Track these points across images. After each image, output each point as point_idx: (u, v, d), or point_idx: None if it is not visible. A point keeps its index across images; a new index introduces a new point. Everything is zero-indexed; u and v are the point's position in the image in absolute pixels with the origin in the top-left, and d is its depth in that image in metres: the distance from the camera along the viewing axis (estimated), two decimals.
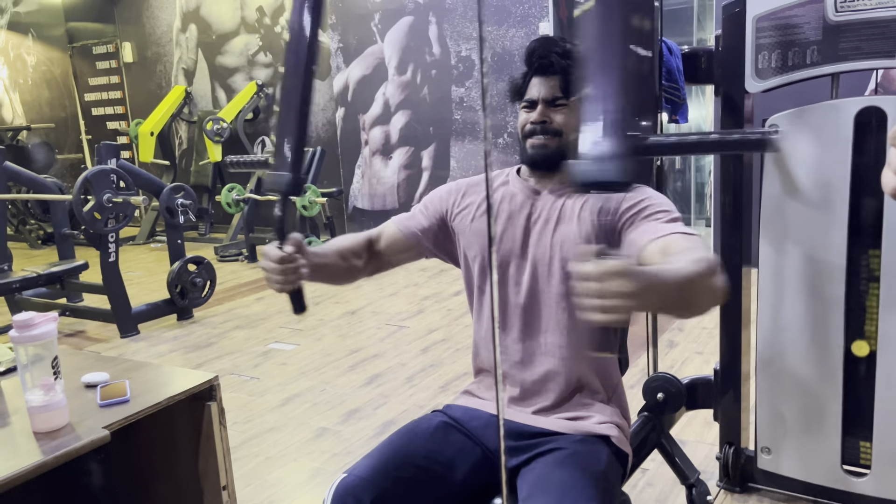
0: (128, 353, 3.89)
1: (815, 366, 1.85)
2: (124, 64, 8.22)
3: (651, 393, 1.93)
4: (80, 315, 4.44)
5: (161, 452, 1.58)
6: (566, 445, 1.31)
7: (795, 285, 1.83)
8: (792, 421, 1.92)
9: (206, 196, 7.24)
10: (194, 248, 6.53)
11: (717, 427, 2.17)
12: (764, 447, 1.99)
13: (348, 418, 2.92)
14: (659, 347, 3.48)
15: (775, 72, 1.77)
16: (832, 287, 1.78)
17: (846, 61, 1.69)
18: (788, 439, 1.94)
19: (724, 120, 1.90)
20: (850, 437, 1.86)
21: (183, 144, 7.96)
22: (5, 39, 9.27)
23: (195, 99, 7.73)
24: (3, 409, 1.35)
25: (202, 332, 4.24)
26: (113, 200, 4.05)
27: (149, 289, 5.13)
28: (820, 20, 1.69)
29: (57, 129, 8.96)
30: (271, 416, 2.97)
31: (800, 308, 1.84)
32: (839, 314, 1.79)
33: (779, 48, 1.75)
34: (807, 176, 1.76)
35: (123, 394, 1.36)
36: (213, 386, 1.46)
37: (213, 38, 7.45)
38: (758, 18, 1.76)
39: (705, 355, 3.35)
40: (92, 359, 1.64)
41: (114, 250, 4.15)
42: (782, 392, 1.92)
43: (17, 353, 1.22)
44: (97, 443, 1.23)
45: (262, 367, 3.58)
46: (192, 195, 4.60)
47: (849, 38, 1.67)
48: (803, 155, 1.75)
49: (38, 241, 7.40)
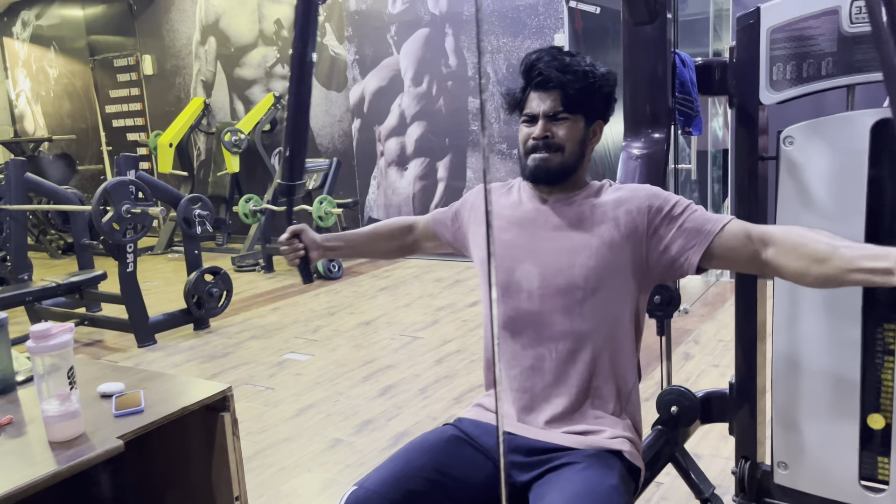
0: (144, 363, 3.92)
1: (831, 379, 1.83)
2: (144, 76, 8.33)
3: (665, 406, 1.91)
4: (97, 324, 4.48)
5: (175, 462, 1.59)
6: (578, 460, 1.30)
7: (812, 299, 1.81)
8: (809, 435, 1.90)
9: (223, 206, 7.30)
10: (212, 258, 6.58)
11: (733, 441, 2.14)
12: (780, 462, 1.97)
13: (362, 429, 2.92)
14: (675, 360, 3.46)
15: (790, 83, 1.76)
16: (849, 300, 1.76)
17: (861, 73, 1.67)
18: (805, 454, 1.92)
19: (739, 131, 1.89)
20: (867, 453, 1.83)
21: (201, 155, 8.04)
22: (28, 52, 9.44)
23: (214, 110, 7.81)
24: (19, 419, 1.37)
25: (218, 341, 4.27)
26: (131, 211, 4.09)
27: (166, 299, 5.17)
28: (835, 32, 1.68)
29: (78, 141, 9.09)
30: (285, 427, 2.98)
31: (816, 321, 1.82)
32: (856, 327, 1.77)
33: (793, 60, 1.74)
34: (822, 188, 1.74)
35: (138, 404, 1.38)
36: (227, 397, 1.47)
37: (231, 51, 7.53)
38: (772, 30, 1.76)
39: (721, 368, 3.32)
40: (108, 369, 1.65)
41: (132, 260, 4.19)
42: (799, 406, 1.90)
43: (33, 364, 1.23)
44: (111, 452, 1.24)
45: (276, 378, 3.59)
46: (210, 206, 4.64)
47: (864, 49, 1.66)
48: (818, 167, 1.73)
49: (59, 251, 7.49)
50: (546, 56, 1.37)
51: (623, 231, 1.34)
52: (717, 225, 1.31)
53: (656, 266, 1.35)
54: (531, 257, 1.39)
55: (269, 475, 2.58)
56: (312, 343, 4.14)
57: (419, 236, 1.71)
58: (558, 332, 1.37)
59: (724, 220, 1.32)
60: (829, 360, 1.83)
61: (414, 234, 1.71)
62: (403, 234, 1.72)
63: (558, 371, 1.38)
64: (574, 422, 1.37)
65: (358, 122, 6.78)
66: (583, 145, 1.39)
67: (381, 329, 4.36)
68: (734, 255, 1.30)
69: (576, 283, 1.35)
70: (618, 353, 1.38)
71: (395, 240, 1.72)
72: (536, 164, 1.38)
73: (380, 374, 3.57)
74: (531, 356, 1.40)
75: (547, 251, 1.38)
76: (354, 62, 6.69)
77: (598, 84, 1.37)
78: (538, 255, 1.39)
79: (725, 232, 1.30)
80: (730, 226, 1.31)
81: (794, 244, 1.22)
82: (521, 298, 1.40)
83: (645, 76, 1.80)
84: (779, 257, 1.23)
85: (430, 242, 1.71)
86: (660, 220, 1.34)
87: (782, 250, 1.23)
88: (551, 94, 1.36)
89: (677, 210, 1.34)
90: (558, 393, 1.38)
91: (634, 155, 1.79)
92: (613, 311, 1.36)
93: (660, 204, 1.35)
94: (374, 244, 1.73)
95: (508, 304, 1.41)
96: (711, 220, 1.33)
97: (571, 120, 1.37)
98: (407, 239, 1.72)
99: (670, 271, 1.36)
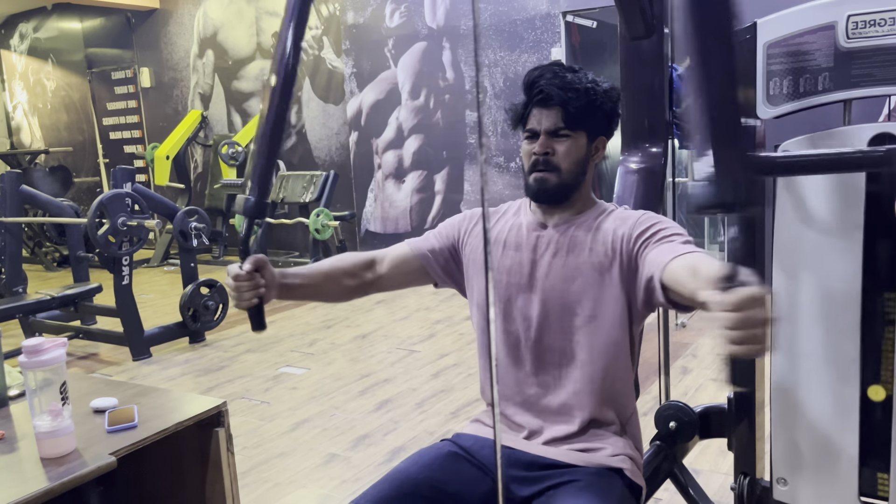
0: (139, 377, 3.89)
1: (830, 395, 1.82)
2: (142, 89, 8.34)
3: (663, 421, 1.90)
4: (92, 338, 4.46)
5: (169, 478, 1.58)
6: (580, 478, 1.29)
7: (809, 313, 1.81)
8: (808, 451, 1.89)
9: (220, 219, 7.29)
10: (208, 271, 6.56)
11: (732, 456, 2.13)
12: (780, 478, 1.95)
13: (357, 444, 2.90)
14: (673, 374, 3.45)
15: (787, 98, 1.76)
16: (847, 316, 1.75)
17: (858, 88, 1.68)
18: (805, 470, 1.91)
19: None
20: (867, 469, 1.82)
21: (198, 168, 8.04)
22: (25, 64, 9.45)
23: (211, 123, 7.81)
24: (11, 435, 1.35)
25: (214, 355, 4.24)
26: (127, 224, 4.08)
27: (162, 312, 5.15)
28: (831, 47, 1.68)
29: (75, 153, 9.08)
30: (281, 442, 2.96)
31: (814, 336, 1.81)
32: (855, 343, 1.76)
33: (790, 74, 1.74)
34: (819, 202, 1.74)
35: (131, 419, 1.36)
36: (222, 412, 1.46)
37: (229, 64, 7.54)
38: (768, 45, 1.76)
39: (720, 382, 3.31)
40: (101, 383, 1.64)
41: (127, 273, 4.18)
42: (797, 421, 1.89)
43: (25, 379, 1.22)
44: (103, 469, 1.23)
45: (272, 392, 3.57)
46: (206, 218, 4.63)
47: (860, 64, 1.66)
48: (815, 182, 1.73)
49: (54, 263, 7.46)
50: (548, 73, 1.36)
51: (615, 258, 1.33)
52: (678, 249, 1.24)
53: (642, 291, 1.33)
54: (529, 283, 1.39)
55: (265, 491, 2.55)
56: (308, 357, 4.12)
57: (385, 272, 1.51)
58: (556, 359, 1.37)
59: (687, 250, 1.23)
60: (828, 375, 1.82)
61: (375, 269, 1.51)
62: (364, 270, 1.50)
63: (559, 397, 1.38)
64: (576, 442, 1.37)
65: (355, 135, 6.79)
66: (584, 163, 1.38)
67: (377, 342, 4.34)
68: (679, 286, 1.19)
69: (573, 310, 1.34)
70: (616, 377, 1.38)
71: (355, 277, 1.49)
72: (537, 183, 1.37)
73: (376, 387, 3.55)
74: (533, 383, 1.40)
75: (545, 277, 1.37)
76: (352, 75, 6.71)
77: (599, 101, 1.36)
78: (536, 282, 1.38)
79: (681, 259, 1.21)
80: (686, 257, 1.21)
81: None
82: (519, 324, 1.39)
83: (642, 91, 1.80)
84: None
85: (404, 276, 1.51)
86: (642, 242, 1.31)
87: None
88: (552, 111, 1.35)
89: (663, 234, 1.31)
90: (560, 419, 1.38)
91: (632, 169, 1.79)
92: (611, 336, 1.35)
93: (645, 228, 1.33)
94: (332, 282, 1.48)
95: (506, 330, 1.40)
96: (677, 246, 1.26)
97: (573, 137, 1.35)
98: (367, 276, 1.50)
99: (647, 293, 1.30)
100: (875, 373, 1.78)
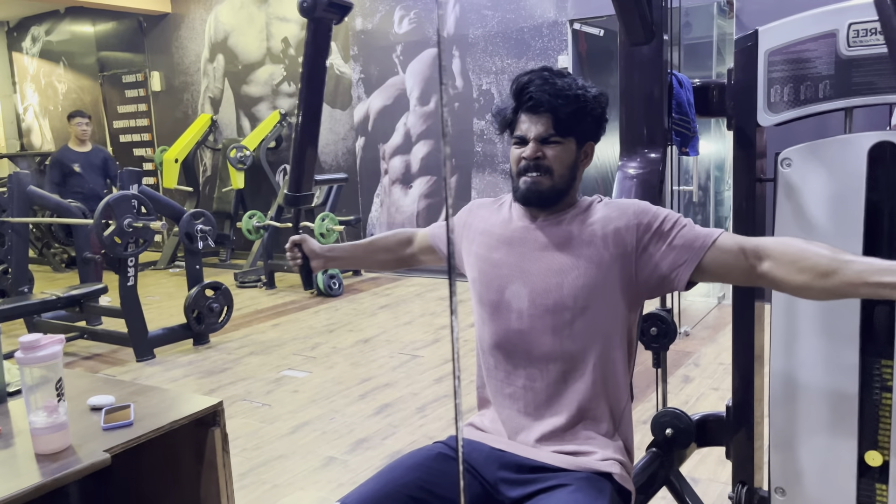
0: (142, 377, 3.91)
1: (828, 404, 1.81)
2: (152, 92, 8.40)
3: (660, 428, 1.89)
4: (97, 338, 4.48)
5: (164, 477, 1.58)
6: (569, 482, 1.29)
7: (809, 323, 1.80)
8: (807, 461, 1.88)
9: (228, 222, 7.32)
10: (215, 273, 6.59)
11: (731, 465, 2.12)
12: (778, 487, 1.94)
13: (356, 448, 2.90)
14: (675, 382, 3.43)
15: (788, 106, 1.76)
16: (847, 325, 1.75)
17: (859, 96, 1.67)
18: (803, 480, 1.90)
19: (737, 153, 1.89)
20: (865, 479, 1.81)
21: (207, 171, 8.07)
22: (37, 67, 9.53)
23: (220, 127, 7.86)
24: (7, 430, 1.36)
25: (217, 357, 4.26)
26: (133, 225, 4.10)
27: (167, 313, 5.17)
28: (832, 55, 1.68)
29: None
30: (280, 444, 2.96)
31: (813, 345, 1.80)
32: (854, 351, 1.75)
33: (791, 82, 1.74)
34: (820, 210, 1.74)
35: (127, 417, 1.37)
36: (218, 412, 1.46)
37: (239, 68, 7.59)
38: (770, 52, 1.76)
39: (721, 391, 3.29)
40: (100, 381, 1.65)
41: (133, 274, 4.20)
42: (796, 431, 1.88)
43: (21, 375, 1.23)
44: (97, 466, 1.23)
45: (273, 394, 3.58)
46: (212, 221, 4.65)
47: (862, 72, 1.66)
48: (816, 189, 1.73)
49: (62, 264, 7.51)
50: (537, 79, 1.36)
51: (611, 250, 1.34)
52: (707, 240, 1.30)
53: (646, 283, 1.34)
54: (520, 277, 1.38)
55: (263, 492, 2.56)
56: (310, 360, 4.12)
57: (416, 250, 1.72)
58: (549, 352, 1.36)
59: (715, 234, 1.31)
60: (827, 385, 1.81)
61: (411, 247, 1.73)
62: (401, 247, 1.73)
63: (550, 391, 1.37)
64: (565, 441, 1.36)
65: (362, 140, 6.81)
66: (574, 168, 1.39)
67: (379, 347, 4.34)
68: (726, 270, 1.30)
69: (565, 304, 1.34)
70: (609, 372, 1.37)
71: (393, 252, 1.74)
72: (528, 186, 1.37)
73: (377, 392, 3.55)
74: (523, 376, 1.39)
75: (536, 271, 1.37)
76: (359, 81, 6.73)
77: (589, 107, 1.36)
78: (527, 276, 1.38)
79: (717, 247, 1.29)
80: (721, 240, 1.30)
81: (794, 258, 1.21)
82: (512, 318, 1.39)
83: (641, 97, 1.80)
84: (777, 270, 1.22)
85: (428, 256, 1.71)
86: (649, 237, 1.33)
87: (780, 263, 1.22)
88: (542, 118, 1.35)
89: (667, 226, 1.33)
90: (550, 413, 1.37)
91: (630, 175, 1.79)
92: (604, 330, 1.35)
93: (648, 220, 1.34)
94: (372, 255, 1.76)
95: (499, 324, 1.40)
96: (701, 236, 1.31)
97: (563, 143, 1.36)
98: (404, 252, 1.73)
99: (660, 288, 1.36)
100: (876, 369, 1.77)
